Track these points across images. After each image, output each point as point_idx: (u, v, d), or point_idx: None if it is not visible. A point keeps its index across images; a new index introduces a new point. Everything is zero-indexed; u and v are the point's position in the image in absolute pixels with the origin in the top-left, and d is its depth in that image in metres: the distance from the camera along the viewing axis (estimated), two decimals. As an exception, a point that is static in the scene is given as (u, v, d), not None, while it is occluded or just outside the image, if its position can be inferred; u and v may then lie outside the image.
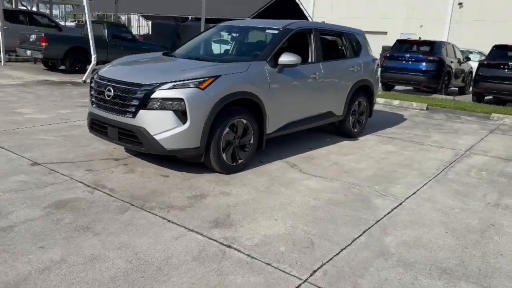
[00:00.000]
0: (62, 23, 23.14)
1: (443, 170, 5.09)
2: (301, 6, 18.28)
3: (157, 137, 3.99)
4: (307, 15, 18.72)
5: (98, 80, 4.43)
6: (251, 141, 4.61)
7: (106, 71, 4.55)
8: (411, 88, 13.67)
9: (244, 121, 4.47)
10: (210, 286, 2.48)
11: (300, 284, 2.56)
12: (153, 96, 3.96)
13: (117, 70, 4.54)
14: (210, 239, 3.04)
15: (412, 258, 2.94)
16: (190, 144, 4.07)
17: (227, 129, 4.29)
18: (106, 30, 13.02)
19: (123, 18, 21.60)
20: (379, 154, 5.63)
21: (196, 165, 4.46)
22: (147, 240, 2.98)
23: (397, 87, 14.01)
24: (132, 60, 4.97)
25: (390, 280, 2.66)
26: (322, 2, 30.59)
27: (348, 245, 3.08)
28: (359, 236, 3.23)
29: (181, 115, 3.97)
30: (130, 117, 4.06)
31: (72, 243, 2.88)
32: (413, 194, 4.23)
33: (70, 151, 4.89)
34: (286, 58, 4.75)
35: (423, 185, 4.49)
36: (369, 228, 3.38)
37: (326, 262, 2.83)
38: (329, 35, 6.00)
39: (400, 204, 3.94)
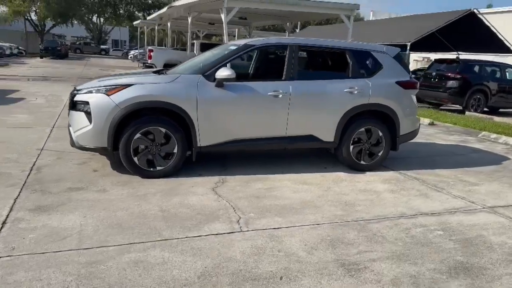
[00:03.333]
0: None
1: (373, 219, 3.94)
2: (493, 28, 15.36)
3: (75, 134, 4.67)
4: (502, 38, 15.56)
5: None
6: (175, 151, 4.74)
7: None
8: None
9: (163, 130, 4.65)
10: None
11: (-24, 260, 2.82)
12: (74, 99, 4.69)
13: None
14: (7, 217, 3.51)
15: None
16: (98, 144, 4.58)
17: (138, 135, 4.59)
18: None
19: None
20: (348, 191, 4.70)
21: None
22: (-28, 205, 3.71)
23: None
24: (119, 74, 5.81)
25: None
26: None
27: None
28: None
29: (89, 116, 4.54)
30: (68, 116, 4.90)
31: None
32: (280, 228, 3.57)
33: (80, 145, 6.05)
34: (220, 73, 4.69)
35: (317, 224, 3.67)
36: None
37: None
38: (319, 52, 5.39)
39: (232, 232, 3.43)
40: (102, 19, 58.81)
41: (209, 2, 12.66)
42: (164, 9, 18.17)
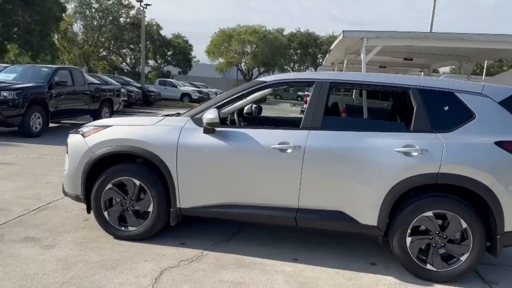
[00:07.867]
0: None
1: None
2: None
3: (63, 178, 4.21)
4: None
5: None
6: (150, 209, 3.80)
7: None
8: None
9: (137, 182, 3.78)
10: None
11: None
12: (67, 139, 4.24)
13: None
14: None
15: None
16: (73, 191, 3.99)
17: (110, 185, 3.84)
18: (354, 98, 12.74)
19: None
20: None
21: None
22: None
23: None
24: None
25: None
26: None
27: None
28: None
29: (68, 159, 4.04)
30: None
31: None
32: None
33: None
34: (205, 116, 3.59)
35: None
36: None
37: None
38: (364, 92, 3.64)
39: None
40: (303, 68, 62.50)
41: (353, 43, 11.41)
42: (328, 55, 17.53)
